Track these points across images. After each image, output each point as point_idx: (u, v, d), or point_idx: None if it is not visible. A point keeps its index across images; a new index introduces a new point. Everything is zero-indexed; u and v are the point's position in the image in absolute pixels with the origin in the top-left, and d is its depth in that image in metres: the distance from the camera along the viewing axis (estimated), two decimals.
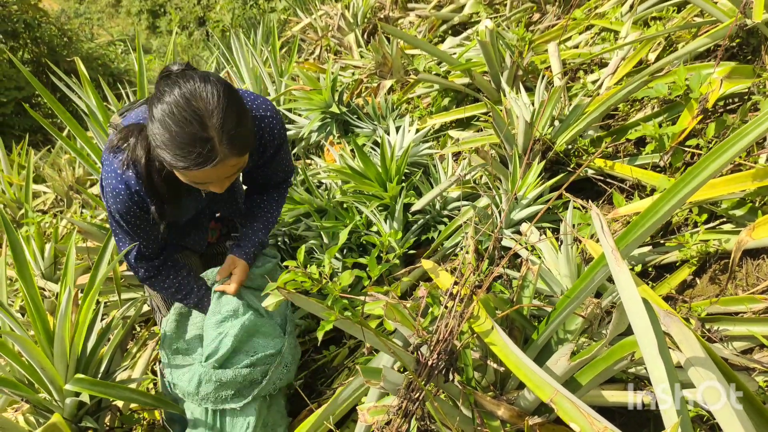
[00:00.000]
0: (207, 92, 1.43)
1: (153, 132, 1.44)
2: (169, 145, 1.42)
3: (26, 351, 1.91)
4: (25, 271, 2.14)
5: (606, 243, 1.19)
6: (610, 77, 2.75)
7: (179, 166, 1.45)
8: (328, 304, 1.23)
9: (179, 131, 1.40)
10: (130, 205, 1.71)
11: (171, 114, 1.39)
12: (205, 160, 1.43)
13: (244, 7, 12.81)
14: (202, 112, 1.41)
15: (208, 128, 1.42)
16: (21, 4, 9.68)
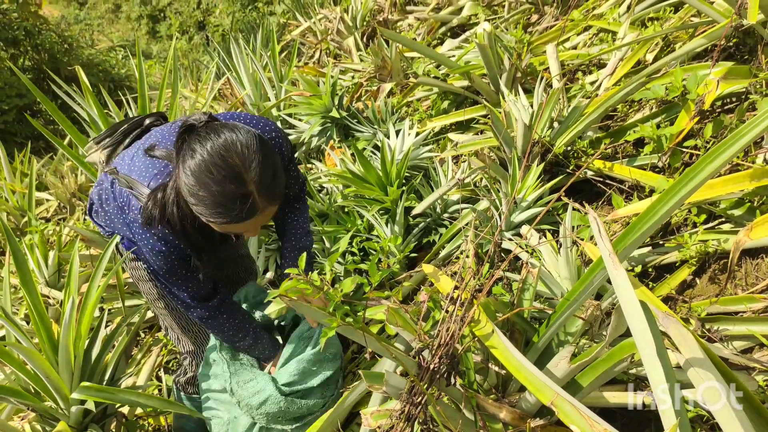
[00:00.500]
0: (240, 145, 1.41)
1: (189, 190, 1.42)
2: (209, 203, 1.41)
3: (31, 360, 1.93)
4: (28, 280, 2.16)
5: (603, 247, 1.20)
6: (608, 78, 2.76)
7: (219, 221, 1.45)
8: (330, 311, 1.24)
9: (220, 189, 1.38)
10: (172, 259, 1.71)
11: (208, 172, 1.37)
12: (246, 215, 1.44)
13: (244, 10, 12.84)
14: (239, 169, 1.39)
15: (246, 183, 1.40)
16: (21, 12, 9.71)
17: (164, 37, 18.37)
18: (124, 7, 20.51)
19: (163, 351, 2.92)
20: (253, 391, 1.97)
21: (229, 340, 2.02)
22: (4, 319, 2.03)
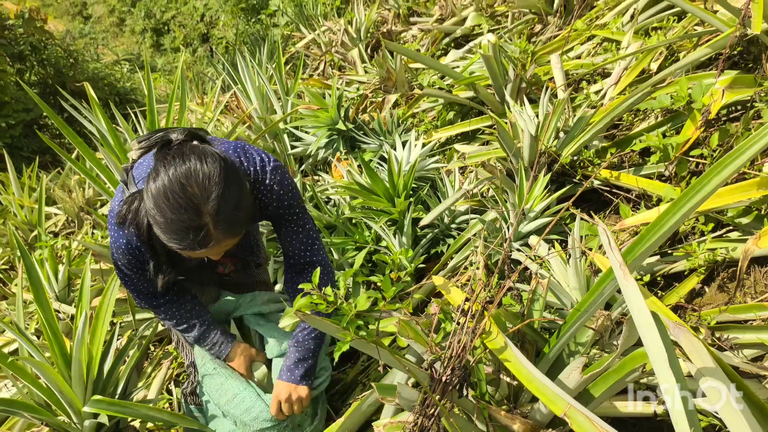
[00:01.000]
0: (203, 175, 1.40)
1: (148, 209, 1.44)
2: (164, 228, 1.42)
3: (44, 375, 1.94)
4: (41, 295, 2.18)
5: (614, 258, 1.21)
6: (613, 87, 2.78)
7: (173, 246, 1.47)
8: (344, 325, 1.25)
9: (174, 218, 1.39)
10: (129, 258, 1.74)
11: (165, 198, 1.38)
12: (198, 245, 1.44)
13: (247, 22, 12.92)
14: (197, 200, 1.39)
15: (202, 215, 1.41)
16: (27, 27, 9.79)
17: (168, 50, 18.48)
18: (128, 21, 20.65)
19: (174, 364, 2.93)
20: (243, 408, 1.99)
21: (177, 330, 2.08)
22: (18, 333, 2.05)
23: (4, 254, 4.67)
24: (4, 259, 4.65)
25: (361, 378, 2.39)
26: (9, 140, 8.38)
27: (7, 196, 5.25)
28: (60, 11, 22.34)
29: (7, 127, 8.45)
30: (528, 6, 3.95)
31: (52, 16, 19.07)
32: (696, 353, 1.26)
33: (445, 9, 4.89)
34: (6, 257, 4.69)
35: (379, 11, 6.01)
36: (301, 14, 7.73)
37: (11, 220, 4.90)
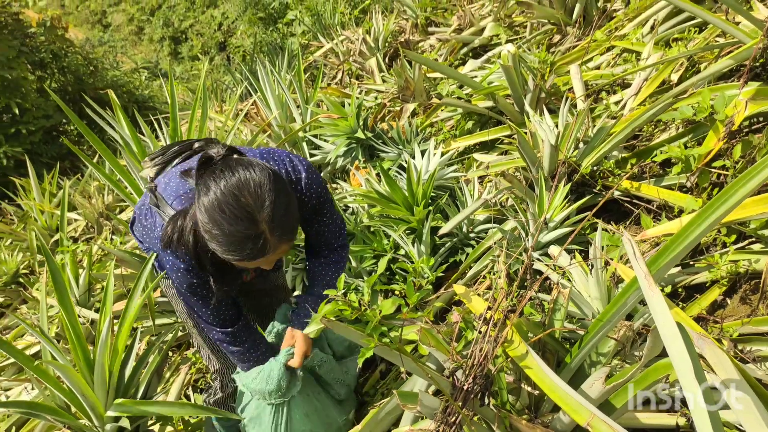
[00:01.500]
0: (254, 184, 1.43)
1: (203, 225, 1.45)
2: (222, 241, 1.44)
3: (68, 378, 1.97)
4: (65, 299, 2.20)
5: (639, 268, 1.21)
6: (633, 98, 2.78)
7: (231, 258, 1.49)
8: (368, 332, 1.26)
9: (231, 229, 1.41)
10: (190, 278, 1.74)
11: (221, 210, 1.40)
12: (257, 254, 1.46)
13: (265, 31, 13.03)
14: (251, 209, 1.42)
15: (258, 223, 1.43)
16: (48, 35, 9.93)
17: (186, 58, 18.66)
18: (146, 30, 20.88)
19: (192, 370, 2.95)
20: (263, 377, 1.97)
21: (241, 364, 2.04)
22: (41, 336, 2.08)
23: (24, 259, 4.73)
24: (24, 264, 4.71)
25: (379, 386, 2.39)
26: (29, 146, 8.48)
27: (28, 202, 5.32)
28: (80, 20, 22.63)
29: (28, 134, 8.55)
30: (547, 16, 3.96)
31: (73, 25, 19.33)
32: (720, 365, 1.26)
33: (464, 19, 4.91)
34: (26, 262, 4.75)
35: (397, 21, 6.04)
36: (318, 23, 7.79)
37: (32, 225, 4.96)
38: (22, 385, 3.15)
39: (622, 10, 3.67)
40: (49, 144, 9.17)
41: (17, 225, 5.56)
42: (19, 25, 9.42)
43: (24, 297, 4.24)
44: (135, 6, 21.16)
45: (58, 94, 9.66)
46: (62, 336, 3.18)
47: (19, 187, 5.71)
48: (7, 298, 4.51)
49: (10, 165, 8.05)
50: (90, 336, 3.11)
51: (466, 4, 5.19)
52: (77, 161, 8.61)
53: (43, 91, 9.37)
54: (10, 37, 8.89)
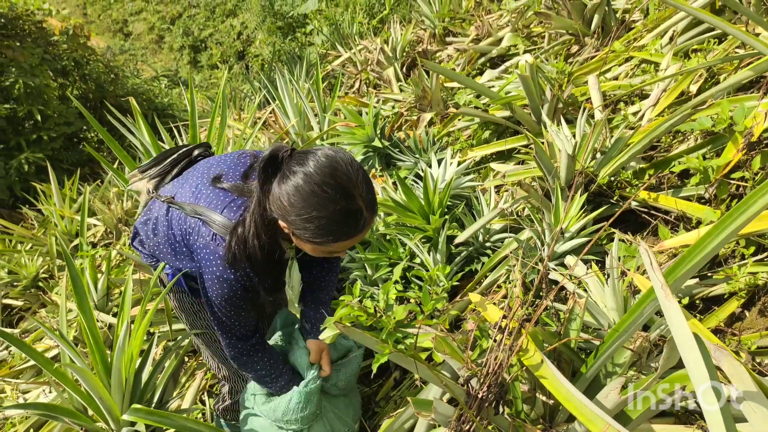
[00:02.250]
0: (344, 162, 1.45)
1: (297, 214, 1.45)
2: (321, 223, 1.44)
3: (85, 381, 1.99)
4: (84, 304, 2.23)
5: (656, 278, 1.21)
6: (651, 109, 2.77)
7: (329, 240, 1.48)
8: (383, 338, 1.27)
9: (333, 209, 1.42)
10: (235, 289, 1.71)
11: (318, 192, 1.41)
12: (357, 231, 1.47)
13: (284, 41, 13.13)
14: (349, 185, 1.43)
15: (356, 199, 1.44)
16: (71, 43, 10.07)
17: (205, 66, 18.82)
18: (167, 38, 21.11)
19: (207, 375, 2.97)
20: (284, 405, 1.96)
21: (261, 381, 2.00)
22: (61, 340, 2.10)
23: (44, 264, 4.79)
24: (44, 268, 4.77)
25: (393, 394, 2.39)
26: (50, 152, 8.59)
27: (48, 207, 5.39)
28: (102, 28, 22.94)
29: (49, 140, 8.66)
30: (565, 27, 3.96)
31: (95, 33, 19.62)
32: (738, 377, 1.25)
33: (482, 29, 4.92)
34: (46, 266, 4.81)
35: (414, 31, 6.07)
36: (337, 33, 7.84)
37: (52, 230, 5.03)
38: (40, 388, 3.19)
39: (641, 21, 3.67)
40: (70, 150, 9.28)
41: (38, 230, 5.64)
42: (43, 33, 9.57)
43: (43, 301, 4.29)
44: (156, 15, 21.41)
45: (79, 101, 9.79)
46: (80, 339, 3.22)
47: (40, 192, 5.79)
48: (27, 302, 4.57)
49: (31, 171, 8.15)
50: (108, 340, 3.15)
51: (485, 15, 5.21)
52: (97, 168, 8.72)
53: (65, 98, 9.50)
54: (33, 45, 9.03)
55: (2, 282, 4.63)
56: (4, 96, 8.36)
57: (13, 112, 8.35)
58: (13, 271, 4.70)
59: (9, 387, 3.28)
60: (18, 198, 7.91)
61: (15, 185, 8.11)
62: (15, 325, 4.54)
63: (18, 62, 8.48)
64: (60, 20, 10.34)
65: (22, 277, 4.59)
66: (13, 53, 8.49)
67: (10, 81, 8.22)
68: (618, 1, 3.95)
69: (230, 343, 1.88)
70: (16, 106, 8.35)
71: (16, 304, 4.54)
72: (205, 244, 1.68)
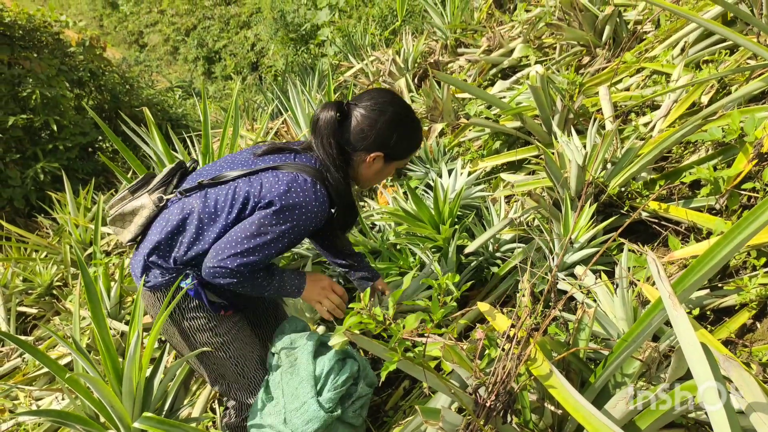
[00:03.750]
0: (388, 91, 1.97)
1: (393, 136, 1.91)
2: (411, 135, 1.98)
3: (97, 390, 2.00)
4: (97, 311, 2.25)
5: (663, 288, 1.21)
6: (662, 120, 2.77)
7: (413, 147, 2.03)
8: (392, 346, 1.28)
9: (414, 124, 1.97)
10: (312, 221, 1.87)
11: (403, 115, 1.92)
12: (425, 136, 1.78)
13: (296, 52, 13.22)
14: (409, 106, 1.96)
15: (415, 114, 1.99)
16: (87, 54, 10.19)
17: (219, 77, 18.99)
18: (181, 50, 21.32)
19: None
20: (304, 419, 1.90)
21: (259, 288, 1.95)
22: (74, 349, 2.12)
23: (58, 272, 4.83)
24: (58, 276, 4.81)
25: (402, 404, 2.39)
26: (66, 162, 8.67)
27: (63, 215, 5.44)
28: (118, 40, 23.22)
29: (65, 150, 8.75)
30: (576, 38, 3.97)
31: (111, 45, 19.83)
32: (747, 388, 1.24)
33: (493, 40, 4.94)
34: (60, 274, 4.86)
35: (426, 42, 6.10)
36: (349, 44, 7.89)
37: (66, 239, 5.07)
38: (53, 395, 3.22)
39: (653, 32, 3.67)
40: (85, 160, 9.37)
41: (53, 238, 5.70)
42: (60, 44, 9.69)
43: (57, 309, 4.33)
44: (171, 27, 21.65)
45: (95, 112, 9.90)
46: (93, 347, 3.25)
47: (55, 201, 5.85)
48: (41, 310, 4.61)
49: (47, 180, 8.24)
50: (120, 347, 3.17)
51: (496, 26, 5.22)
52: (112, 177, 8.80)
53: (81, 108, 9.60)
54: (50, 56, 9.15)
55: (17, 290, 4.67)
56: (21, 106, 8.47)
57: (30, 122, 8.45)
58: (28, 279, 4.74)
59: (23, 394, 3.31)
60: (34, 207, 8.00)
61: (31, 194, 8.20)
62: (29, 332, 4.58)
63: (35, 73, 8.59)
64: (77, 32, 10.46)
65: (36, 285, 4.63)
66: (31, 64, 8.61)
67: (27, 91, 8.33)
68: (629, 13, 3.96)
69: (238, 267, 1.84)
70: (33, 117, 8.45)
71: (31, 311, 4.58)
72: (290, 180, 1.84)
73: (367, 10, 9.30)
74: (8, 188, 8.20)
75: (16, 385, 3.33)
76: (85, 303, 3.38)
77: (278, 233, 1.82)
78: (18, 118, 8.20)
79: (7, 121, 8.09)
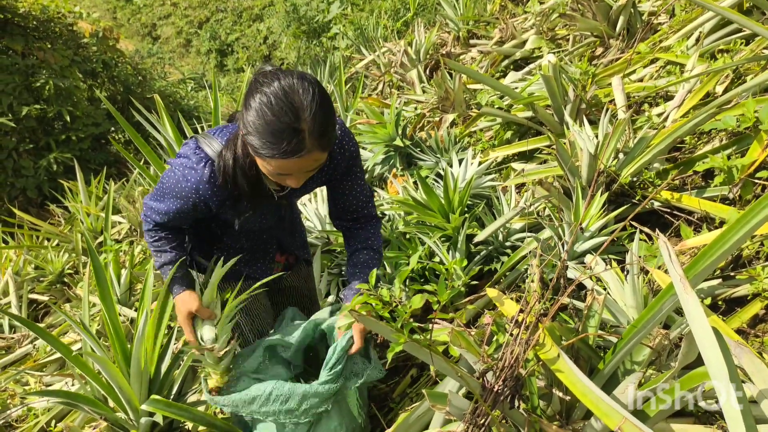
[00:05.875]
0: (304, 88, 1.52)
1: (247, 120, 1.54)
2: (262, 132, 1.51)
3: (106, 371, 2.01)
4: (107, 296, 2.26)
5: (674, 271, 1.19)
6: (675, 110, 2.74)
7: (266, 153, 1.54)
8: (398, 327, 1.27)
9: (274, 120, 1.49)
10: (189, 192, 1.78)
11: (269, 104, 1.49)
12: (294, 150, 1.51)
13: (308, 45, 13.21)
14: (297, 105, 1.50)
15: (301, 120, 1.50)
16: (100, 46, 10.25)
17: (231, 70, 18.99)
18: (194, 42, 21.35)
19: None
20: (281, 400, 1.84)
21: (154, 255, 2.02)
22: (83, 330, 2.13)
23: (69, 260, 4.86)
24: (69, 264, 4.84)
25: (409, 392, 2.39)
26: (78, 153, 8.72)
27: (75, 204, 5.48)
28: (131, 32, 23.29)
29: (77, 140, 8.81)
30: (590, 29, 3.94)
31: (124, 36, 19.89)
32: (758, 374, 1.23)
33: (506, 32, 4.91)
34: (71, 262, 4.89)
35: (438, 34, 6.07)
36: (362, 36, 7.87)
37: (78, 227, 5.10)
38: (63, 381, 3.24)
39: (667, 22, 3.63)
40: (97, 151, 9.43)
41: (64, 227, 5.73)
42: (73, 35, 9.75)
43: (68, 296, 4.36)
44: (184, 19, 21.68)
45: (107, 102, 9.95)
46: (103, 333, 3.26)
47: (67, 189, 5.89)
48: (52, 297, 4.64)
49: (59, 170, 8.30)
50: (129, 334, 3.18)
51: (509, 18, 5.19)
52: (123, 168, 8.84)
53: (94, 99, 9.65)
54: (64, 47, 9.20)
55: (29, 277, 4.71)
56: (35, 97, 8.53)
57: (43, 112, 8.51)
58: (40, 266, 4.78)
59: (33, 379, 3.33)
60: (46, 196, 8.05)
61: (44, 184, 8.26)
62: (40, 319, 4.61)
63: (49, 64, 8.64)
64: (90, 23, 10.51)
65: (48, 273, 4.67)
66: (45, 55, 8.66)
67: (41, 82, 8.38)
68: (644, 3, 3.92)
69: (148, 212, 1.93)
70: (46, 107, 8.50)
71: (42, 299, 4.61)
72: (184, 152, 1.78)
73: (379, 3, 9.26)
74: (21, 178, 8.27)
75: (27, 371, 3.35)
76: (94, 289, 3.39)
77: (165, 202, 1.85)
78: (31, 109, 8.25)
79: (21, 111, 8.13)
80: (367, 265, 2.03)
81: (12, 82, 8.20)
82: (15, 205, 7.06)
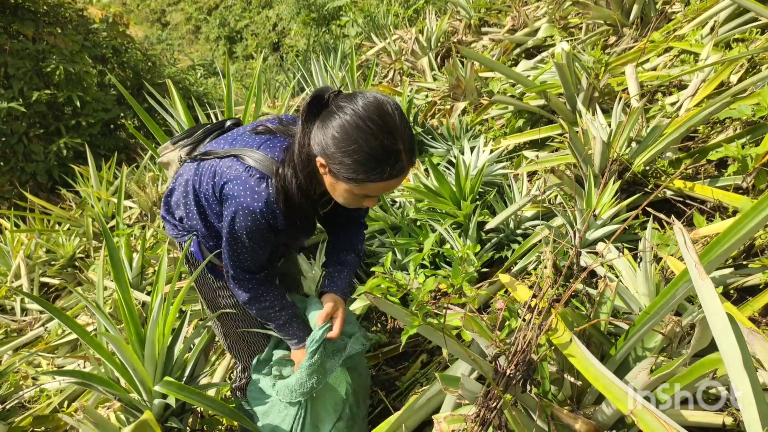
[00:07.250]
0: (390, 105, 1.46)
1: (337, 147, 1.45)
2: (362, 158, 1.43)
3: (120, 351, 2.03)
4: (121, 278, 2.28)
5: (689, 257, 1.19)
6: (689, 99, 2.72)
7: (364, 178, 1.46)
8: (413, 310, 1.28)
9: (375, 144, 1.41)
10: (259, 223, 1.68)
11: (365, 126, 1.41)
12: (397, 172, 1.46)
13: (318, 32, 13.18)
14: (392, 126, 1.43)
15: (397, 141, 1.44)
16: (110, 31, 10.25)
17: (240, 57, 18.99)
18: (203, 29, 21.34)
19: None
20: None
21: (266, 315, 1.96)
22: (97, 310, 2.15)
23: (81, 244, 4.90)
24: (80, 248, 4.88)
25: (419, 377, 2.40)
26: (88, 138, 8.74)
27: (86, 189, 5.50)
28: (141, 18, 23.29)
29: (87, 126, 8.83)
30: (603, 17, 3.92)
31: (133, 23, 19.88)
32: None
33: (518, 20, 4.89)
34: (82, 246, 4.92)
35: (450, 21, 6.05)
36: (372, 24, 7.84)
37: (89, 212, 5.13)
38: (75, 363, 3.27)
39: (682, 11, 3.61)
40: (107, 136, 9.46)
41: (75, 211, 5.77)
42: (83, 21, 9.76)
43: (80, 279, 4.39)
44: (193, 6, 21.66)
45: (116, 89, 9.98)
46: (115, 316, 3.29)
47: (78, 174, 5.92)
48: (63, 281, 4.67)
49: (69, 155, 8.32)
50: (141, 317, 3.21)
51: (521, 6, 5.16)
52: (133, 153, 8.87)
53: (104, 85, 9.67)
54: (74, 32, 9.21)
55: (40, 261, 4.74)
56: (45, 82, 8.55)
57: (54, 97, 8.53)
58: (51, 250, 4.81)
59: (45, 362, 3.37)
60: (57, 182, 8.09)
61: (54, 169, 8.30)
62: (52, 303, 4.65)
63: (59, 48, 8.65)
64: (100, 8, 10.53)
65: (59, 257, 4.70)
66: (55, 40, 8.67)
67: (51, 67, 8.39)
68: None
69: (238, 274, 1.87)
70: (57, 92, 8.53)
71: (53, 282, 4.65)
72: (236, 175, 1.65)
73: None
74: (32, 163, 8.31)
75: (39, 353, 3.38)
76: (107, 272, 3.42)
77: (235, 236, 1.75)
78: (42, 94, 8.27)
79: (32, 96, 8.16)
80: (349, 265, 1.99)
81: (22, 67, 8.22)
82: (26, 189, 7.10)
